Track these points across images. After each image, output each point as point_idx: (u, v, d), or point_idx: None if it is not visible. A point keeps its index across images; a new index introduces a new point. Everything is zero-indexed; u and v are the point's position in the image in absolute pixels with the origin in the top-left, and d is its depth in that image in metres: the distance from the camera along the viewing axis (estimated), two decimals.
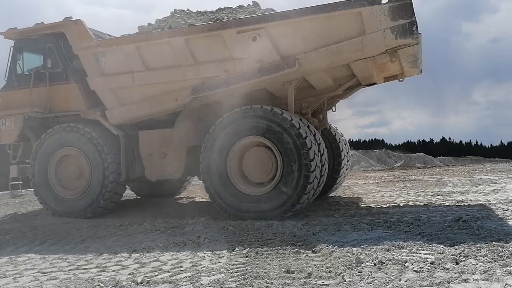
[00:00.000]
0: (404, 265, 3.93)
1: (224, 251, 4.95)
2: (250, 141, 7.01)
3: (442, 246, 4.50)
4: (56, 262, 4.95)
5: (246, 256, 4.66)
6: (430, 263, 3.90)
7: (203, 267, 4.35)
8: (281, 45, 6.88)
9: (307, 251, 4.74)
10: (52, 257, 5.22)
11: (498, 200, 7.88)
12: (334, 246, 4.76)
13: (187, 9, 8.38)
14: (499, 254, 4.01)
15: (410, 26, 6.28)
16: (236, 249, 4.97)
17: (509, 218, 6.00)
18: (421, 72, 8.21)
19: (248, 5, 8.26)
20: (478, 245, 4.41)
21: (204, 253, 4.92)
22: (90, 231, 6.69)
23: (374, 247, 4.65)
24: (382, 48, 6.50)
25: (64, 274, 4.45)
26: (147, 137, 7.96)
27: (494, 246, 4.30)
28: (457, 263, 3.89)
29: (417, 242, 4.70)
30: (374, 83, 8.30)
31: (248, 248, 4.94)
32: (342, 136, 9.50)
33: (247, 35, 6.91)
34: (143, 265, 4.61)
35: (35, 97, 8.33)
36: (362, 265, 4.00)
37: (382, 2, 6.36)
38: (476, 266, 3.74)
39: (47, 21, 8.57)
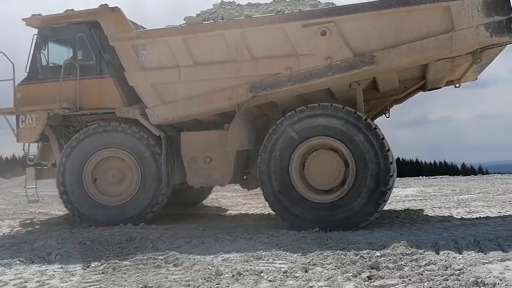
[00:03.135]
0: (260, 275, 4.13)
1: (78, 268, 4.63)
2: (316, 143, 6.50)
3: (295, 255, 4.84)
4: None
5: (102, 273, 4.42)
6: (283, 272, 4.17)
7: (51, 286, 4.00)
8: (353, 40, 6.35)
9: (168, 265, 4.68)
10: None
11: None
12: (196, 258, 4.79)
13: (234, 1, 7.68)
14: (342, 262, 4.46)
15: (507, 23, 5.86)
16: (92, 265, 4.69)
17: (353, 228, 6.70)
18: (477, 78, 7.88)
19: None
20: (325, 253, 4.84)
21: (54, 271, 4.54)
22: None
23: (234, 258, 4.80)
24: (474, 46, 6.04)
25: None
26: (191, 140, 7.18)
27: (338, 255, 4.76)
28: (306, 271, 4.23)
29: (274, 252, 4.98)
30: (439, 87, 7.75)
31: (105, 264, 4.69)
32: None
33: (315, 29, 6.36)
34: None
35: (63, 91, 7.30)
36: (221, 277, 4.10)
37: None
38: (322, 273, 4.11)
39: None
